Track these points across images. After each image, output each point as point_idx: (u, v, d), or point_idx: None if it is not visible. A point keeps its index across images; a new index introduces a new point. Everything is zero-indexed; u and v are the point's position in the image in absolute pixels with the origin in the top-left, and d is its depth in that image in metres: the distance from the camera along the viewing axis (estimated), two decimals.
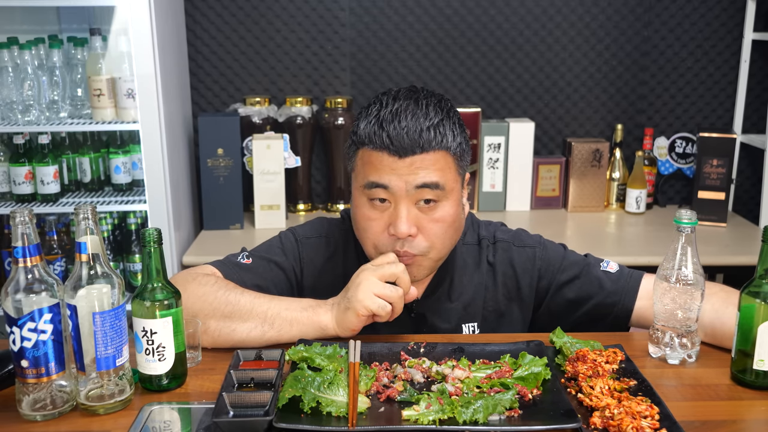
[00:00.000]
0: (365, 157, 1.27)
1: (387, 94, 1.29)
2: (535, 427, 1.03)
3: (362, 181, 1.28)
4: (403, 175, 1.24)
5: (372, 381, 1.17)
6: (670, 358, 1.28)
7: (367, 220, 1.29)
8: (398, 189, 1.24)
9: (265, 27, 2.81)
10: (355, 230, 1.36)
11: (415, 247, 1.28)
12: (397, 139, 1.22)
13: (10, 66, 2.35)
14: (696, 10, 2.86)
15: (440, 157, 1.25)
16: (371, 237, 1.30)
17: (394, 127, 1.23)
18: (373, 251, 1.32)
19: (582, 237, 2.66)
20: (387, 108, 1.25)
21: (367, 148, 1.26)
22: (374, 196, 1.27)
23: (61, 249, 2.52)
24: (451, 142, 1.26)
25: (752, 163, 2.99)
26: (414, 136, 1.22)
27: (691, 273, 1.24)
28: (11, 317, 1.08)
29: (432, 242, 1.29)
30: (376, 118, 1.25)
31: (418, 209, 1.26)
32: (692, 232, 1.23)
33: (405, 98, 1.26)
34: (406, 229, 1.25)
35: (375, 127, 1.24)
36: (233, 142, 2.59)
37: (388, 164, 1.24)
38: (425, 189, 1.24)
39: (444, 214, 1.28)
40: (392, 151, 1.23)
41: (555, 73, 2.90)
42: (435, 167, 1.25)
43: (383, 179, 1.24)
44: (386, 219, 1.27)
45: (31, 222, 1.07)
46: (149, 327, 1.16)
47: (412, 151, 1.23)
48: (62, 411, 1.12)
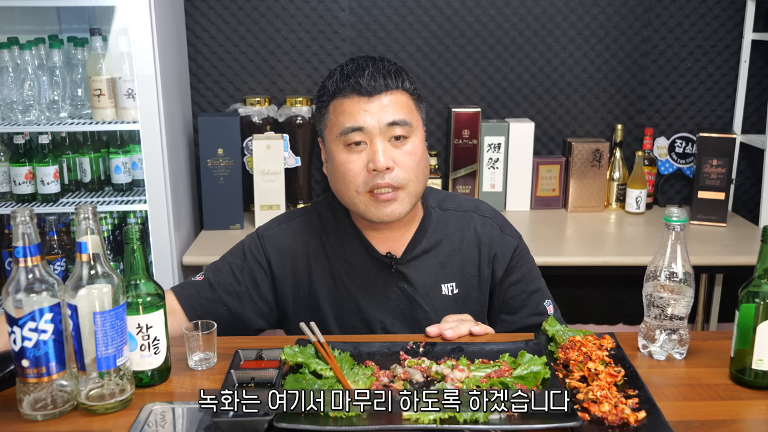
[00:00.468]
0: (338, 107, 1.41)
1: (341, 63, 1.47)
2: (535, 426, 1.04)
3: (338, 131, 1.40)
4: (375, 114, 1.38)
5: (371, 380, 1.17)
6: (657, 354, 1.29)
7: (346, 163, 1.40)
8: (372, 128, 1.38)
9: (265, 27, 2.81)
10: (335, 182, 1.45)
11: (395, 179, 1.39)
12: (366, 81, 1.38)
13: (10, 66, 2.36)
14: (696, 10, 2.86)
15: (402, 98, 1.41)
16: (352, 179, 1.40)
17: (360, 74, 1.39)
18: (355, 194, 1.41)
19: (582, 237, 2.66)
20: (349, 66, 1.42)
21: (339, 98, 1.41)
22: (350, 141, 1.39)
23: (62, 249, 2.52)
24: (408, 85, 1.44)
25: (752, 163, 2.99)
26: (379, 78, 1.39)
27: (681, 270, 1.26)
28: (12, 317, 1.08)
29: (408, 174, 1.40)
30: (341, 74, 1.42)
31: (391, 145, 1.40)
32: (682, 230, 1.25)
33: (361, 58, 1.44)
34: (384, 161, 1.37)
35: (343, 79, 1.40)
36: (233, 142, 2.59)
37: (360, 107, 1.38)
38: (395, 126, 1.39)
39: (414, 147, 1.41)
40: (363, 92, 1.38)
41: (555, 73, 2.90)
42: (400, 105, 1.40)
43: (358, 122, 1.38)
44: (364, 158, 1.39)
45: (32, 222, 1.08)
46: (144, 322, 1.17)
47: (378, 90, 1.38)
48: (63, 411, 1.12)
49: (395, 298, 1.50)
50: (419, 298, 1.50)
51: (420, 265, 1.51)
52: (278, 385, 1.13)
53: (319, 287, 1.51)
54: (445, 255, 1.53)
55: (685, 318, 1.29)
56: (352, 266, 1.51)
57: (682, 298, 1.27)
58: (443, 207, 1.57)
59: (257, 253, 1.53)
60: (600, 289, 3.09)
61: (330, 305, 1.51)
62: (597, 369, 1.18)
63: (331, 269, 1.51)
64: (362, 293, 1.50)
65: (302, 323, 1.29)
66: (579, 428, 1.04)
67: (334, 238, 1.53)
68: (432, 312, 1.50)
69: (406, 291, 1.50)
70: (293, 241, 1.54)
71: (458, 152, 2.78)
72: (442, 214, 1.56)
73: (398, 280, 1.50)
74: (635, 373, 1.20)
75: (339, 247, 1.52)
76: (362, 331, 1.51)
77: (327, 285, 1.51)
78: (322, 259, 1.52)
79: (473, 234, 1.55)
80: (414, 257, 1.51)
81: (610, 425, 1.06)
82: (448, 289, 1.53)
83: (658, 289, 1.28)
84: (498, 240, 1.56)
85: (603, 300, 3.11)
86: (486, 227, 1.56)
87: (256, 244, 1.54)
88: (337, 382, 1.15)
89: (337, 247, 1.52)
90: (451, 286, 1.53)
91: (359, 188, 1.40)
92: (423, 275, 1.51)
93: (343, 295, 1.50)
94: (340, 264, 1.51)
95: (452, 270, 1.53)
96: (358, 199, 1.41)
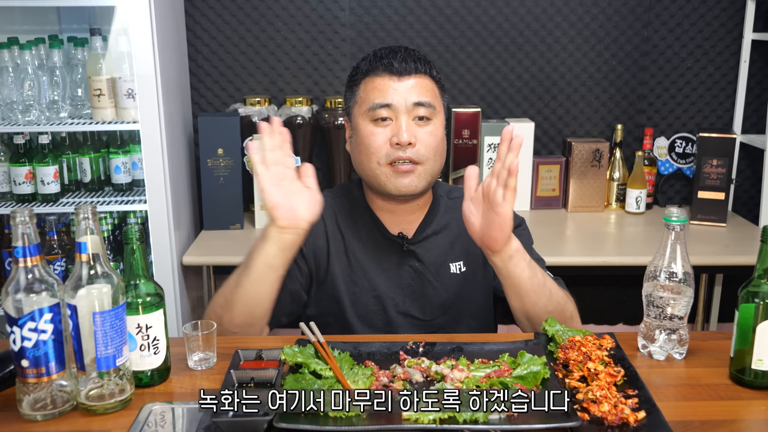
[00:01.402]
0: (369, 85, 1.52)
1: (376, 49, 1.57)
2: (535, 426, 1.04)
3: (367, 106, 1.51)
4: (403, 93, 1.49)
5: (371, 380, 1.17)
6: (657, 354, 1.29)
7: (371, 135, 1.50)
8: (399, 105, 1.49)
9: (265, 27, 2.81)
10: (357, 155, 1.55)
11: (415, 154, 1.49)
12: (398, 62, 1.50)
13: (10, 66, 2.36)
14: (696, 10, 2.86)
15: (429, 83, 1.52)
16: (375, 150, 1.50)
17: (393, 56, 1.51)
18: (377, 166, 1.51)
19: (582, 237, 2.66)
20: (382, 50, 1.54)
21: (371, 76, 1.52)
22: (378, 116, 1.50)
23: (62, 249, 2.52)
24: (435, 73, 1.55)
25: (752, 163, 2.99)
26: (410, 61, 1.50)
27: (681, 270, 1.26)
28: (12, 317, 1.08)
29: (427, 152, 1.50)
30: (374, 55, 1.53)
31: (415, 124, 1.50)
32: (682, 230, 1.25)
33: (394, 46, 1.55)
34: (408, 137, 1.47)
35: (377, 59, 1.52)
36: (233, 142, 2.59)
37: (390, 85, 1.49)
38: (420, 107, 1.49)
39: (435, 129, 1.52)
40: (394, 71, 1.49)
41: (555, 73, 2.90)
42: (426, 89, 1.51)
43: (387, 99, 1.49)
44: (388, 133, 1.49)
45: (32, 222, 1.08)
46: (144, 322, 1.17)
47: (408, 72, 1.50)
48: (62, 411, 1.12)
49: (406, 276, 1.57)
50: (429, 275, 1.58)
51: (430, 245, 1.60)
52: (278, 385, 1.13)
53: (335, 265, 1.57)
54: (453, 236, 1.61)
55: (685, 318, 1.29)
56: (365, 245, 1.58)
57: (681, 298, 1.27)
58: (451, 196, 1.67)
59: None
60: (600, 289, 3.09)
61: (344, 283, 1.57)
62: (597, 369, 1.18)
63: (347, 248, 1.58)
64: (375, 271, 1.57)
65: (302, 323, 1.29)
66: (579, 428, 1.04)
67: (350, 219, 1.60)
68: (441, 289, 1.58)
69: (417, 269, 1.58)
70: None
71: (458, 152, 2.78)
72: (450, 201, 1.66)
73: (410, 259, 1.58)
74: (635, 373, 1.20)
75: (354, 228, 1.60)
76: (375, 308, 1.56)
77: (342, 264, 1.58)
78: (338, 238, 1.59)
79: None
80: (424, 238, 1.60)
81: (610, 425, 1.06)
82: (456, 268, 1.60)
83: (658, 289, 1.28)
84: None
85: (603, 300, 3.11)
86: None
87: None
88: (337, 382, 1.15)
89: (353, 228, 1.60)
90: (458, 264, 1.60)
91: (381, 160, 1.50)
92: (433, 254, 1.59)
93: (357, 273, 1.57)
94: (356, 243, 1.58)
95: (460, 250, 1.61)
96: (380, 170, 1.51)
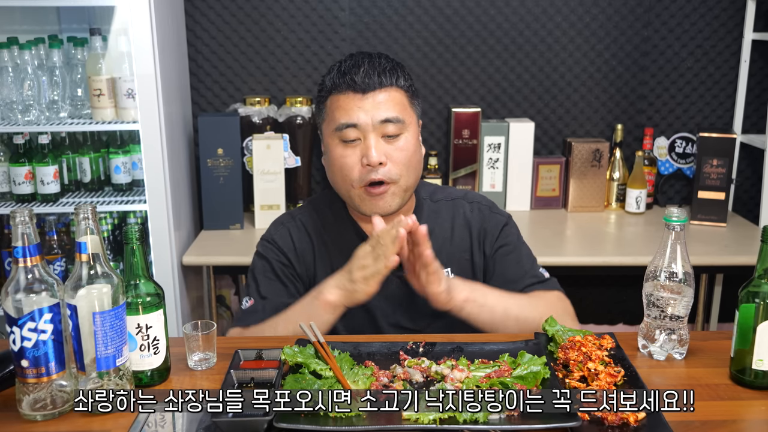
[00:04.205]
0: (334, 103, 1.47)
1: (341, 59, 1.51)
2: (535, 427, 1.04)
3: (334, 125, 1.46)
4: (369, 111, 1.44)
5: (371, 380, 1.17)
6: (657, 354, 1.29)
7: (341, 158, 1.47)
8: (365, 124, 1.44)
9: (265, 27, 2.81)
10: (332, 175, 1.52)
11: (387, 174, 1.45)
12: (360, 78, 1.44)
13: (10, 66, 2.36)
14: (696, 10, 2.86)
15: (396, 95, 1.47)
16: (347, 173, 1.46)
17: (355, 71, 1.45)
18: (351, 188, 1.47)
19: (582, 237, 2.66)
20: (346, 62, 1.48)
21: (335, 94, 1.47)
22: (346, 138, 1.45)
23: (61, 249, 2.52)
24: (403, 82, 1.49)
25: (752, 163, 2.99)
26: (373, 76, 1.44)
27: (681, 270, 1.26)
28: (11, 317, 1.08)
29: (400, 170, 1.46)
30: (338, 70, 1.48)
31: (384, 141, 1.45)
32: (682, 230, 1.25)
33: (359, 55, 1.50)
34: (376, 156, 1.43)
35: (339, 75, 1.46)
36: (233, 142, 2.59)
37: (354, 103, 1.44)
38: (388, 123, 1.44)
39: (406, 143, 1.47)
40: (357, 89, 1.44)
41: (555, 73, 2.90)
42: (393, 103, 1.46)
43: (352, 118, 1.44)
44: (358, 153, 1.45)
45: (32, 222, 1.07)
46: (144, 322, 1.17)
47: (373, 87, 1.44)
48: (62, 411, 1.12)
49: (394, 287, 1.54)
50: None
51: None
52: (278, 385, 1.13)
53: (321, 279, 1.51)
54: (438, 243, 1.55)
55: (685, 318, 1.29)
56: (350, 258, 1.51)
57: (681, 298, 1.27)
58: (434, 198, 1.63)
59: (276, 255, 1.57)
60: (600, 289, 3.09)
61: None
62: (597, 369, 1.18)
63: (332, 262, 1.55)
64: None
65: (301, 323, 1.29)
66: (579, 428, 1.04)
67: (334, 232, 1.58)
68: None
69: (404, 279, 1.52)
70: (299, 238, 1.59)
71: (458, 152, 2.78)
72: (433, 205, 1.61)
73: (396, 269, 1.50)
74: (635, 373, 1.20)
75: (338, 240, 1.57)
76: (365, 321, 1.54)
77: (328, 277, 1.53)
78: (324, 253, 1.57)
79: (463, 220, 1.60)
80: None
81: (610, 425, 1.06)
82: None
83: (658, 289, 1.28)
84: (487, 218, 1.61)
85: (603, 300, 3.11)
86: (474, 211, 1.61)
87: (272, 248, 1.58)
88: (337, 382, 1.15)
89: (337, 241, 1.57)
90: (446, 271, 1.56)
91: (354, 182, 1.46)
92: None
93: None
94: (341, 256, 1.53)
95: (446, 257, 1.56)
96: (354, 192, 1.48)
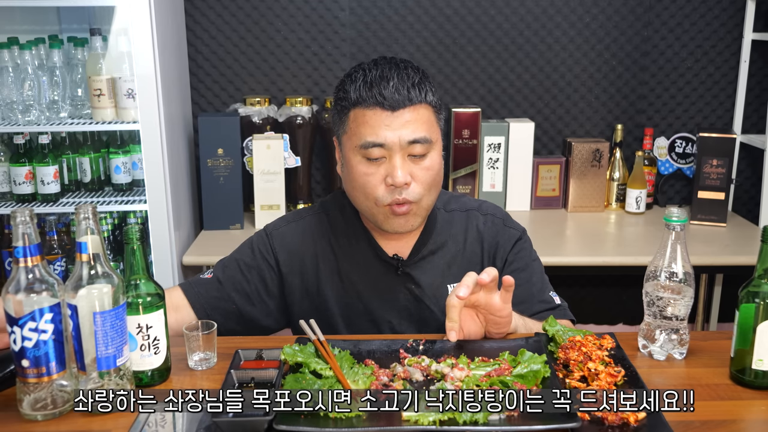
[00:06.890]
0: (359, 117, 1.37)
1: (363, 64, 1.41)
2: (535, 427, 1.04)
3: (358, 141, 1.37)
4: (397, 131, 1.35)
5: (371, 380, 1.17)
6: (657, 354, 1.29)
7: (364, 176, 1.39)
8: (393, 144, 1.35)
9: (265, 27, 2.81)
10: (351, 189, 1.44)
11: (411, 194, 1.38)
12: (389, 93, 1.34)
13: (10, 66, 2.36)
14: (696, 10, 2.86)
15: (425, 111, 1.38)
16: (370, 191, 1.39)
17: (384, 86, 1.35)
18: (373, 205, 1.40)
19: (582, 237, 2.66)
20: (371, 72, 1.37)
21: (360, 108, 1.37)
22: (371, 156, 1.37)
23: (62, 249, 2.52)
24: (431, 97, 1.40)
25: (752, 163, 2.99)
26: (403, 91, 1.35)
27: (681, 270, 1.26)
28: (12, 317, 1.08)
29: (423, 189, 1.40)
30: (364, 81, 1.37)
31: (410, 160, 1.38)
32: (682, 230, 1.25)
33: (385, 63, 1.39)
34: (402, 178, 1.36)
35: (366, 88, 1.36)
36: (233, 142, 2.59)
37: (382, 121, 1.35)
38: (416, 144, 1.36)
39: (432, 162, 1.40)
40: (386, 106, 1.34)
41: (555, 73, 2.90)
42: (422, 121, 1.37)
43: (380, 137, 1.35)
44: (382, 172, 1.38)
45: (32, 222, 1.07)
46: (144, 322, 1.17)
47: (403, 104, 1.35)
48: (63, 411, 1.12)
49: (403, 299, 1.51)
50: (426, 299, 1.51)
51: (426, 266, 1.52)
52: (278, 385, 1.13)
53: (327, 287, 1.51)
54: (450, 255, 1.53)
55: (685, 318, 1.29)
56: (360, 266, 1.51)
57: (682, 298, 1.27)
58: (447, 208, 1.57)
59: (266, 251, 1.53)
60: (600, 289, 3.09)
61: (338, 305, 1.51)
62: (597, 369, 1.18)
63: (339, 269, 1.51)
64: (370, 293, 1.50)
65: (302, 321, 1.29)
66: (579, 428, 1.04)
67: (343, 238, 1.53)
68: (439, 312, 1.50)
69: (414, 292, 1.51)
70: (302, 240, 1.54)
71: (458, 152, 2.78)
72: (446, 215, 1.56)
73: (406, 282, 1.51)
74: (635, 373, 1.20)
75: (347, 247, 1.52)
76: (370, 331, 1.51)
77: (335, 285, 1.51)
78: (330, 258, 1.52)
79: (476, 232, 1.56)
80: (420, 258, 1.51)
81: (610, 425, 1.06)
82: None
83: (658, 289, 1.28)
84: (501, 232, 1.56)
85: (603, 300, 3.11)
86: (488, 224, 1.57)
87: (265, 242, 1.54)
88: (337, 382, 1.15)
89: (346, 247, 1.52)
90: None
91: (378, 201, 1.39)
92: (430, 276, 1.52)
93: (351, 295, 1.51)
94: (349, 264, 1.51)
95: (458, 269, 1.52)
96: (376, 210, 1.41)
